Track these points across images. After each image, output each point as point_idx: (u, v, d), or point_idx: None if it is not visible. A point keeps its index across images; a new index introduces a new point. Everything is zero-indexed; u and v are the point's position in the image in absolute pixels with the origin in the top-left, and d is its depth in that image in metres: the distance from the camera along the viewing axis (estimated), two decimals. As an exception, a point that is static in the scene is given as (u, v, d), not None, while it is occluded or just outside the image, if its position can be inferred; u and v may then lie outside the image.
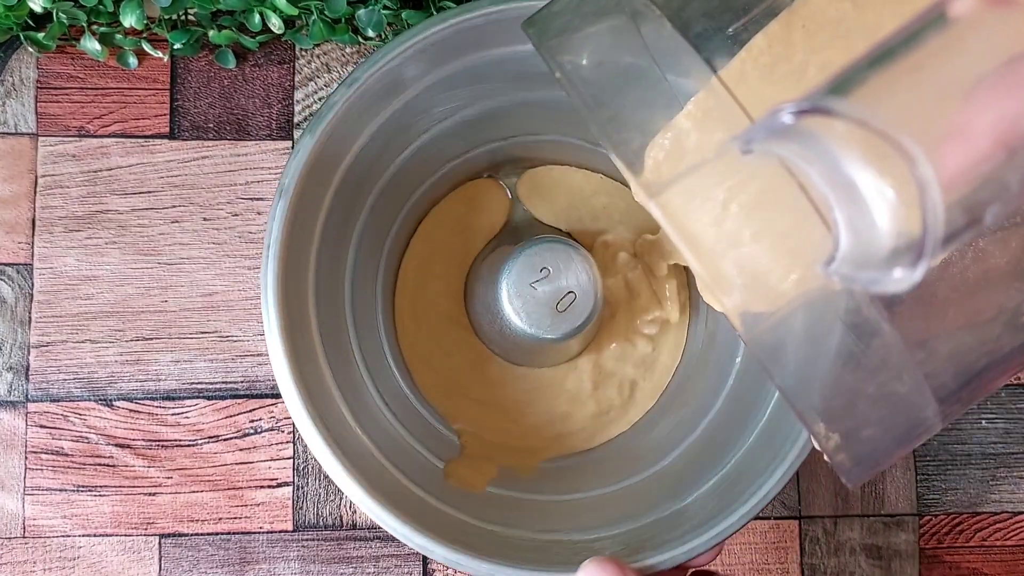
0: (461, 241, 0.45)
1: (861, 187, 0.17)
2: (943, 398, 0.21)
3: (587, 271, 0.39)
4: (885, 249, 0.17)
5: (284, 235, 0.35)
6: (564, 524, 0.39)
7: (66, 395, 0.44)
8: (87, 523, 0.43)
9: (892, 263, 0.17)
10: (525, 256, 0.39)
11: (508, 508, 0.40)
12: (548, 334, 0.39)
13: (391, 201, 0.42)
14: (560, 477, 0.43)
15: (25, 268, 0.44)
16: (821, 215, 0.19)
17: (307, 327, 0.37)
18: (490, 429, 0.44)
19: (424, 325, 0.44)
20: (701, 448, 0.41)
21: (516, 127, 0.43)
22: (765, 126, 0.18)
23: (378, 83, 0.35)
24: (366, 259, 0.41)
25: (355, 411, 0.37)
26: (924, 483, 0.47)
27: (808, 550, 0.46)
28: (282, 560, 0.44)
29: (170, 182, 0.45)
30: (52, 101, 0.45)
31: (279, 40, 0.45)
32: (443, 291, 0.45)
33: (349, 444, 0.36)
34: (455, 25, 0.35)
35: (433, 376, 0.44)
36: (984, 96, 0.17)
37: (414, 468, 0.38)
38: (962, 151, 0.17)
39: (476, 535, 0.36)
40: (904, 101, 0.17)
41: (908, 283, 0.17)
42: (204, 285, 0.44)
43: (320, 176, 0.36)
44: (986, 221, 0.17)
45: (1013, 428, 0.47)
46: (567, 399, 0.45)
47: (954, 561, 0.46)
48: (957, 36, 0.17)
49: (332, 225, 0.38)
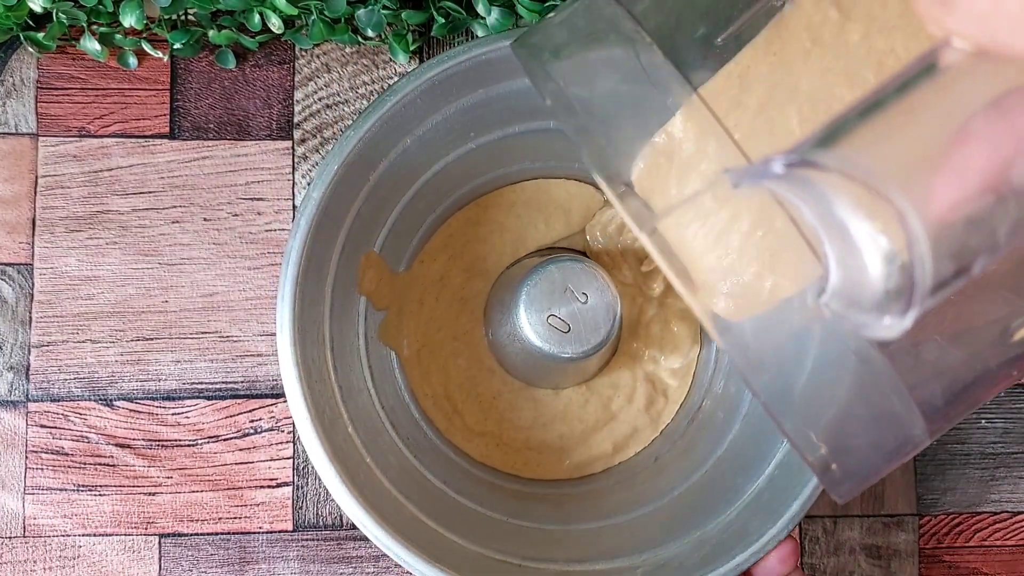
0: (482, 259, 0.45)
1: (853, 232, 0.17)
2: (931, 415, 0.21)
3: (607, 290, 0.39)
4: (875, 292, 0.17)
5: (308, 238, 0.36)
6: (578, 554, 0.39)
7: (67, 395, 0.44)
8: (87, 522, 0.43)
9: (882, 308, 0.17)
10: (545, 274, 0.39)
11: (527, 539, 0.40)
12: (565, 353, 0.39)
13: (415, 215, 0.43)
14: (578, 503, 0.43)
15: (26, 268, 0.44)
16: (812, 247, 0.19)
17: (322, 345, 0.38)
18: (507, 454, 0.44)
19: (437, 348, 0.44)
20: (723, 471, 0.41)
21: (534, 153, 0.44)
22: (755, 172, 0.18)
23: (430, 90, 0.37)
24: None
25: (368, 446, 0.38)
26: (923, 483, 0.47)
27: (808, 549, 0.46)
28: (282, 560, 0.44)
29: (170, 182, 0.45)
30: (53, 101, 0.45)
31: (279, 40, 0.45)
32: (460, 309, 0.45)
33: (359, 473, 0.36)
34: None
35: (444, 401, 0.44)
36: (973, 138, 0.17)
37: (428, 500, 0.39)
38: (952, 189, 0.17)
39: (490, 569, 0.37)
40: (895, 146, 0.17)
41: (897, 331, 0.18)
42: (204, 285, 0.44)
43: (347, 190, 0.37)
44: (974, 271, 0.18)
45: (1012, 428, 0.47)
46: (584, 420, 0.44)
47: (953, 561, 0.46)
48: (946, 83, 0.17)
49: (352, 237, 0.39)
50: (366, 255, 0.40)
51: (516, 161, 0.44)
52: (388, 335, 0.43)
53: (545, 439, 0.44)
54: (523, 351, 0.40)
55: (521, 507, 0.41)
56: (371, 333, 0.42)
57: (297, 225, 0.36)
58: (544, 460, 0.44)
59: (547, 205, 0.45)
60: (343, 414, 0.38)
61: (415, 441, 0.42)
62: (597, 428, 0.44)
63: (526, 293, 0.39)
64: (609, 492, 0.43)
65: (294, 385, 0.35)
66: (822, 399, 0.21)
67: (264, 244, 0.45)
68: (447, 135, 0.40)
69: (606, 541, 0.40)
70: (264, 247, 0.45)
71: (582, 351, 0.39)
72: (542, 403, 0.44)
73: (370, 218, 0.40)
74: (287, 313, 0.36)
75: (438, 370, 0.44)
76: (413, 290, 0.44)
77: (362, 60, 0.46)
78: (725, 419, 0.43)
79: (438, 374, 0.44)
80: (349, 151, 0.36)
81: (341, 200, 0.37)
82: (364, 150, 0.37)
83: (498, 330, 0.42)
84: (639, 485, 0.43)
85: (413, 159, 0.40)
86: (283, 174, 0.45)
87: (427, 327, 0.44)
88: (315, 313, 0.37)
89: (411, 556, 0.35)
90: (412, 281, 0.44)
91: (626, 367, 0.45)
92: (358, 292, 0.40)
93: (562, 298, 0.39)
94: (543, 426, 0.44)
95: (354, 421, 0.38)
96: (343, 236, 0.38)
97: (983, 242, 0.18)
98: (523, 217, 0.45)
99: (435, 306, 0.44)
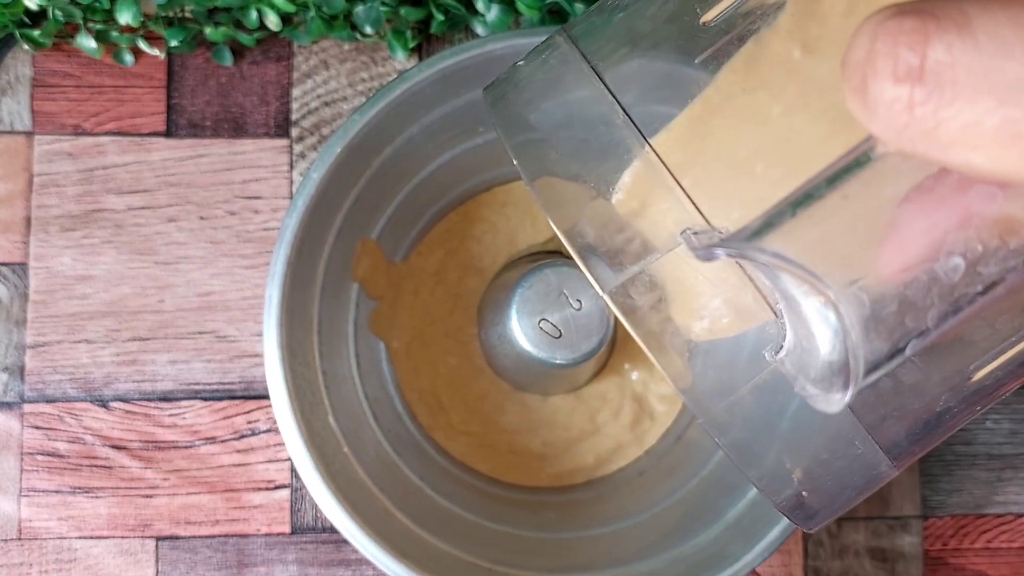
0: (478, 257, 0.44)
1: (801, 305, 0.18)
2: (895, 454, 0.21)
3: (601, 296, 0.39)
4: (821, 361, 0.18)
5: (299, 231, 0.36)
6: (550, 563, 0.38)
7: (62, 396, 0.43)
8: (83, 525, 0.43)
9: (826, 380, 0.18)
10: (540, 277, 0.39)
11: (499, 543, 0.40)
12: (555, 359, 0.38)
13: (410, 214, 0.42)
14: (556, 512, 0.43)
15: (20, 267, 0.44)
16: (769, 305, 0.19)
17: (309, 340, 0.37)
18: (488, 456, 0.44)
19: (428, 342, 0.44)
20: (706, 491, 0.41)
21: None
22: (703, 254, 0.19)
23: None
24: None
25: (348, 436, 0.38)
26: (929, 485, 0.46)
27: (812, 552, 0.45)
28: (280, 563, 0.43)
29: (166, 180, 0.44)
30: (48, 99, 0.44)
31: (276, 37, 0.45)
32: (454, 306, 0.44)
33: (335, 462, 0.36)
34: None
35: (434, 401, 0.44)
36: (914, 208, 0.17)
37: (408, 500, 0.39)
38: (896, 256, 0.18)
39: (459, 569, 0.37)
40: (832, 228, 0.18)
41: (837, 407, 0.18)
42: (201, 285, 0.44)
43: (343, 182, 0.37)
44: (907, 353, 0.18)
45: (1019, 429, 0.47)
46: (569, 429, 0.44)
47: (959, 564, 0.46)
48: (880, 170, 0.17)
49: (350, 221, 0.38)
50: (362, 240, 0.40)
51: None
52: (379, 325, 0.42)
53: (528, 445, 0.43)
54: (513, 354, 0.40)
55: (497, 510, 0.41)
56: (362, 322, 0.41)
57: (294, 204, 0.35)
58: (525, 466, 0.43)
59: (533, 205, 0.44)
60: (324, 400, 0.38)
61: (396, 435, 0.41)
62: (581, 439, 0.44)
63: (519, 295, 0.38)
64: (588, 504, 0.43)
65: (276, 366, 0.35)
66: (787, 449, 0.21)
67: (261, 243, 0.44)
68: (455, 128, 0.39)
69: (580, 552, 0.40)
70: (261, 246, 0.44)
71: (572, 358, 0.38)
72: (529, 408, 0.44)
73: (370, 204, 0.39)
74: (276, 292, 0.35)
75: (427, 365, 0.43)
76: (408, 281, 0.43)
77: (360, 57, 0.45)
78: (712, 441, 0.42)
79: (427, 369, 0.43)
80: (354, 134, 0.36)
81: (341, 183, 0.37)
82: (369, 134, 0.36)
83: (490, 331, 0.42)
84: (620, 499, 0.43)
85: (418, 148, 0.39)
86: (280, 172, 0.45)
87: (420, 321, 0.43)
88: (305, 295, 0.37)
89: (378, 549, 0.35)
90: (408, 272, 0.43)
91: (615, 381, 0.44)
92: (352, 279, 0.40)
93: (556, 303, 0.38)
94: (528, 431, 0.44)
95: (335, 409, 0.38)
96: (340, 220, 0.38)
97: (914, 325, 0.18)
98: (512, 219, 0.44)
99: (429, 300, 0.44)
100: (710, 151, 0.20)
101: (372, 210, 0.40)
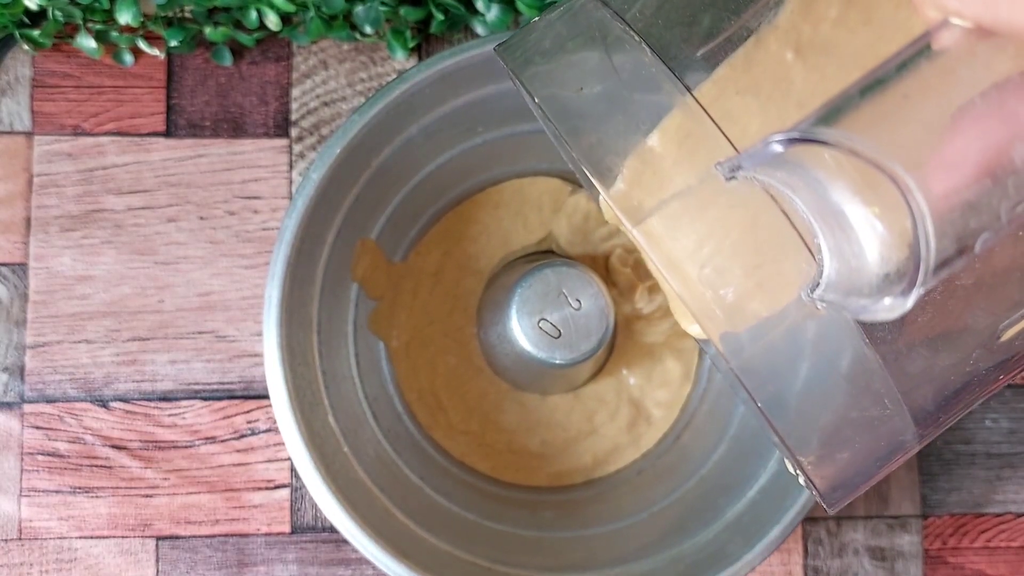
0: (475, 258, 0.44)
1: (850, 217, 0.17)
2: (922, 420, 0.21)
3: (601, 297, 0.39)
4: (874, 277, 0.18)
5: (299, 231, 0.36)
6: (550, 562, 0.39)
7: (62, 396, 0.43)
8: (84, 525, 0.43)
9: (882, 291, 0.18)
10: (539, 277, 0.39)
11: (499, 542, 0.40)
12: (554, 359, 0.38)
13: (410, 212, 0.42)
14: (555, 511, 0.43)
15: (20, 268, 0.44)
16: (805, 242, 0.19)
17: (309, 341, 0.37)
18: (487, 455, 0.44)
19: (427, 342, 0.44)
20: (705, 491, 0.41)
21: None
22: (754, 155, 0.18)
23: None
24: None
25: (347, 435, 0.38)
26: (928, 484, 0.46)
27: (811, 551, 0.45)
28: (280, 563, 0.43)
29: (166, 180, 0.44)
30: (47, 99, 0.44)
31: (276, 37, 0.45)
32: (453, 305, 0.44)
33: (335, 462, 0.36)
34: None
35: (431, 396, 0.44)
36: (969, 123, 0.17)
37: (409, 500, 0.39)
38: (948, 177, 0.17)
39: (459, 568, 0.37)
40: (893, 130, 0.17)
41: (899, 311, 0.18)
42: (201, 284, 0.44)
43: (344, 179, 0.37)
44: (976, 250, 0.18)
45: (1018, 428, 0.47)
46: (567, 429, 0.44)
47: (958, 563, 0.46)
48: (942, 66, 0.17)
49: (349, 221, 0.39)
50: (362, 240, 0.40)
51: (521, 159, 0.43)
52: (379, 325, 0.42)
53: (527, 444, 0.44)
54: (513, 353, 0.40)
55: (496, 510, 0.41)
56: (361, 321, 0.41)
57: (293, 204, 0.36)
58: (524, 465, 0.43)
59: (524, 205, 0.44)
60: (324, 400, 0.38)
61: (396, 434, 0.41)
62: (579, 439, 0.44)
63: (519, 295, 0.38)
64: (587, 503, 0.43)
65: (275, 365, 0.35)
66: (816, 403, 0.21)
67: (260, 243, 0.44)
68: (454, 128, 0.39)
69: (579, 551, 0.40)
70: (260, 246, 0.44)
71: (571, 358, 0.38)
72: (528, 407, 0.44)
73: (369, 204, 0.39)
74: (276, 292, 0.35)
75: (426, 364, 0.43)
76: (408, 281, 0.43)
77: (360, 57, 0.45)
78: (712, 440, 0.42)
79: (426, 369, 0.43)
80: (353, 134, 0.36)
81: (341, 183, 0.37)
82: (368, 135, 0.36)
83: (489, 330, 0.42)
84: (618, 499, 0.43)
85: (418, 149, 0.39)
86: (280, 172, 0.45)
87: (419, 320, 0.43)
88: (305, 295, 0.37)
89: (378, 549, 0.35)
90: (408, 272, 0.43)
91: (612, 384, 0.44)
92: (352, 278, 0.40)
93: (555, 302, 0.38)
94: (526, 431, 0.44)
95: (335, 408, 0.38)
96: (340, 220, 0.38)
97: (984, 222, 0.18)
98: (504, 220, 0.44)
99: (429, 300, 0.44)
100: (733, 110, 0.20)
101: (371, 210, 0.40)
